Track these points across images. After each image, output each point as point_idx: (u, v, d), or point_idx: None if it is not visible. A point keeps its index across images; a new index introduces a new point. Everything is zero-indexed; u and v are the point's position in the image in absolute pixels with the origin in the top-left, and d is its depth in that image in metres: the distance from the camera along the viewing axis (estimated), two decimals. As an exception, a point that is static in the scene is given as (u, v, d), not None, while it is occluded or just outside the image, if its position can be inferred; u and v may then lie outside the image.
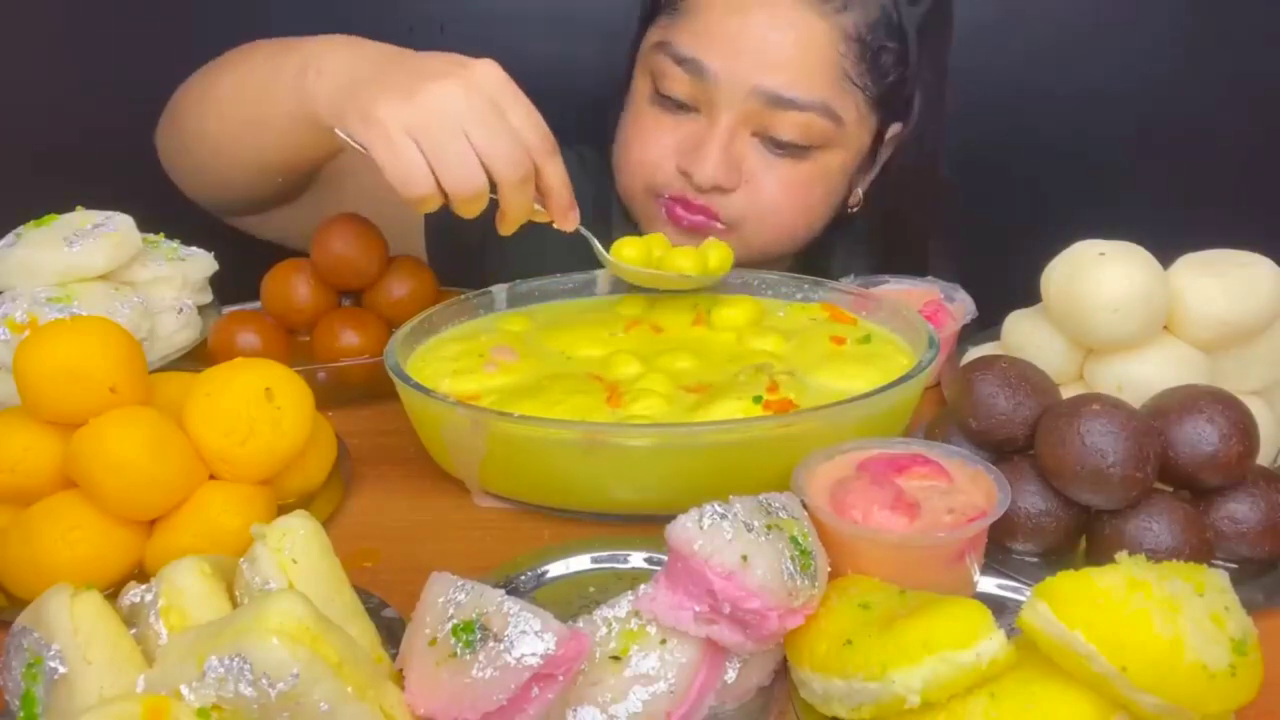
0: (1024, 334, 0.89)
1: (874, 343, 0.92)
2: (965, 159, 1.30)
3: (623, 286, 1.05)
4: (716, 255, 0.99)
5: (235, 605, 0.60)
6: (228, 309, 1.05)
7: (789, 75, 1.02)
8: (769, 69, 1.02)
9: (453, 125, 0.80)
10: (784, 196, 1.07)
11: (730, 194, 1.06)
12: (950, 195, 1.27)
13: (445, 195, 0.82)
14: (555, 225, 0.91)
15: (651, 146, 1.09)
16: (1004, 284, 0.95)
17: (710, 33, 1.04)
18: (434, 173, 0.81)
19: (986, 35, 1.50)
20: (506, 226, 0.89)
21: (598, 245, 0.95)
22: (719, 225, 1.08)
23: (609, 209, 1.22)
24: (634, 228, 1.18)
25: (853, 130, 1.08)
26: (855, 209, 1.18)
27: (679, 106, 1.07)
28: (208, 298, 1.05)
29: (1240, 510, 0.72)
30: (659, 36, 1.08)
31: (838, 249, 1.22)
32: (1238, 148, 1.52)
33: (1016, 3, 1.52)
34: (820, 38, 1.03)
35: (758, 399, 0.80)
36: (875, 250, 1.23)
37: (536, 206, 0.89)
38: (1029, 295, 0.89)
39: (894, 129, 1.14)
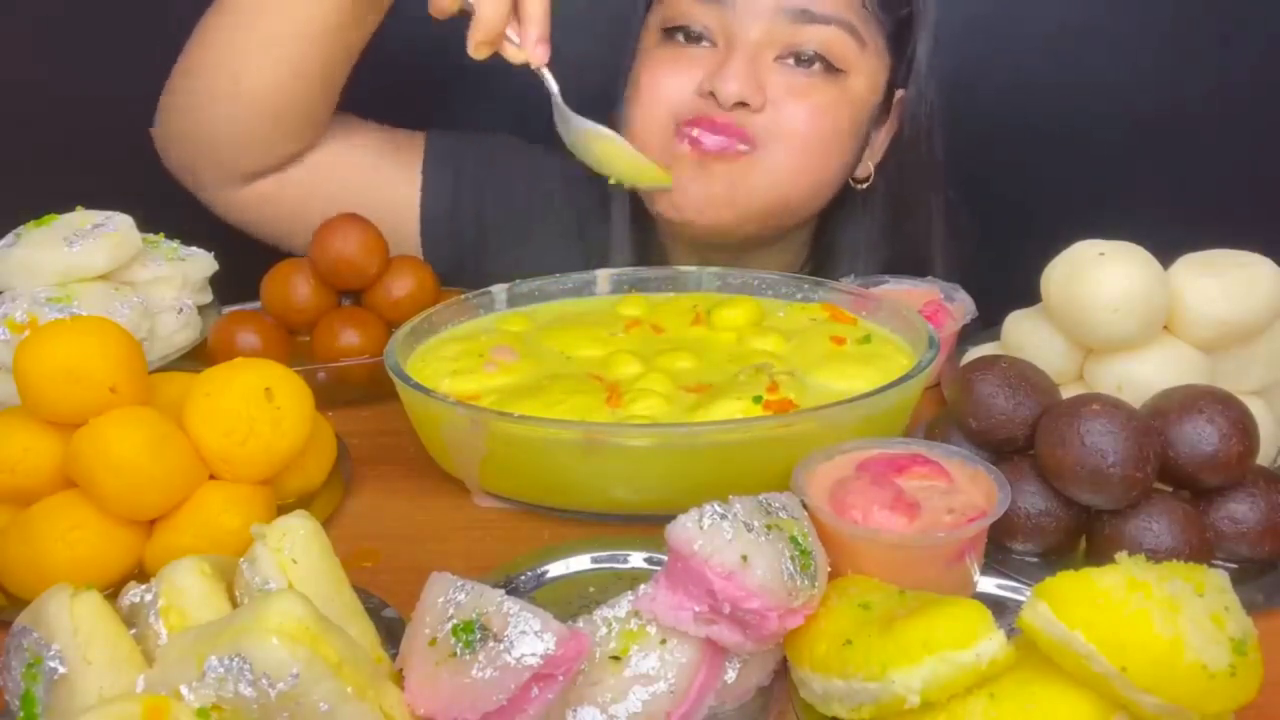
0: (1024, 334, 0.89)
1: (874, 343, 0.92)
2: (966, 159, 1.30)
3: (624, 287, 1.05)
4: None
5: (235, 605, 0.60)
6: (228, 309, 1.06)
7: None
8: None
9: None
10: (809, 116, 1.08)
11: (755, 114, 1.06)
12: (946, 181, 1.28)
13: None
14: (524, 59, 0.89)
15: (669, 78, 1.09)
16: (1004, 284, 0.95)
17: None
18: None
19: (986, 36, 1.50)
20: (476, 41, 0.87)
21: (556, 95, 0.93)
22: (742, 146, 1.06)
23: (609, 203, 1.24)
24: (642, 217, 1.18)
25: (872, 58, 1.10)
26: (865, 184, 1.19)
27: (693, 40, 1.08)
28: (208, 298, 1.05)
29: (1240, 510, 0.72)
30: None
31: (844, 241, 1.23)
32: (1237, 147, 1.52)
33: (1015, 3, 1.52)
34: None
35: (758, 399, 0.80)
36: (882, 243, 1.24)
37: (511, 35, 0.86)
38: (1029, 295, 0.89)
39: (899, 94, 1.16)
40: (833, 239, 1.24)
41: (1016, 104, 1.50)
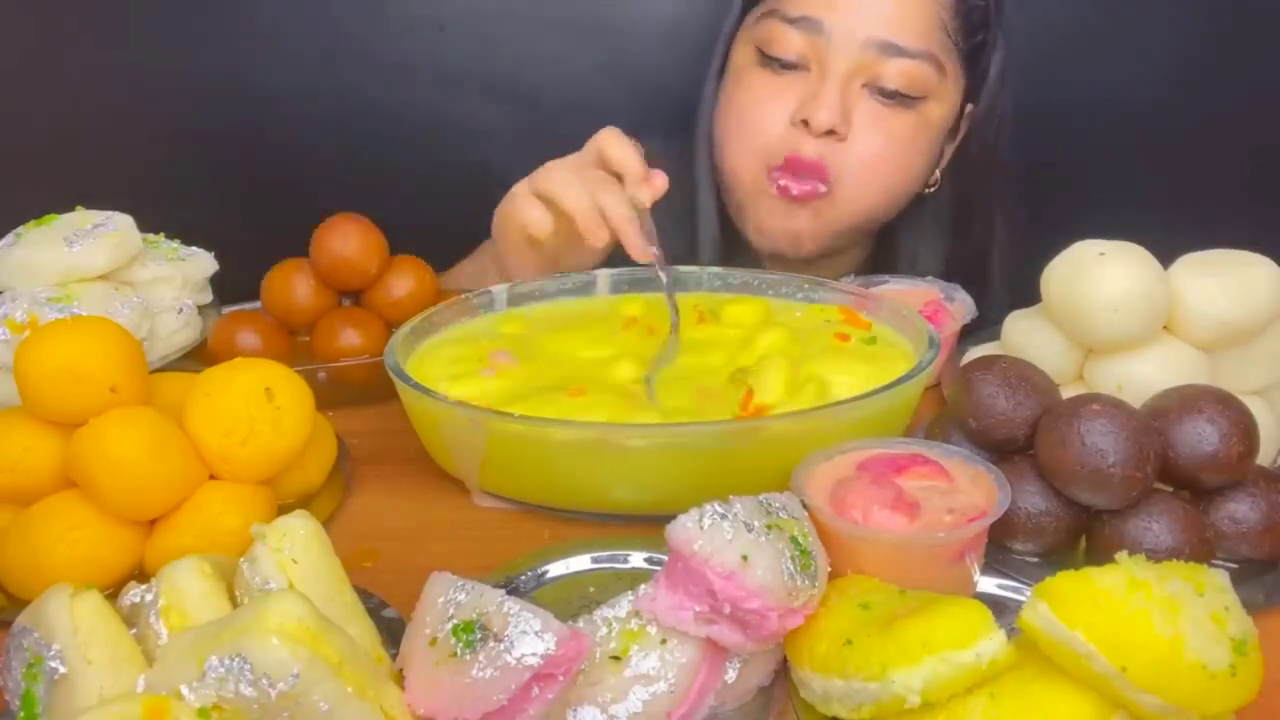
0: (1024, 334, 0.89)
1: (878, 344, 0.92)
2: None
3: (623, 287, 1.05)
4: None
5: (235, 605, 0.60)
6: (228, 309, 1.06)
7: (899, 25, 1.09)
8: (880, 20, 1.09)
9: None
10: (888, 148, 1.12)
11: (841, 144, 1.11)
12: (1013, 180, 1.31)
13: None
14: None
15: (764, 106, 1.14)
16: (1003, 284, 0.95)
17: None
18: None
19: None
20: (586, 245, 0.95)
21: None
22: (822, 188, 1.11)
23: (694, 204, 1.26)
24: (727, 228, 1.22)
25: (950, 83, 1.14)
26: (932, 189, 1.23)
27: (787, 67, 1.12)
28: (208, 298, 1.05)
29: (1240, 510, 0.72)
30: (768, 7, 1.14)
31: (905, 239, 1.27)
32: (1237, 148, 1.52)
33: (1014, 3, 1.52)
34: None
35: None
36: (940, 242, 1.27)
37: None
38: (1029, 295, 0.89)
39: (969, 109, 1.20)
40: (894, 237, 1.28)
41: (1015, 104, 1.50)
